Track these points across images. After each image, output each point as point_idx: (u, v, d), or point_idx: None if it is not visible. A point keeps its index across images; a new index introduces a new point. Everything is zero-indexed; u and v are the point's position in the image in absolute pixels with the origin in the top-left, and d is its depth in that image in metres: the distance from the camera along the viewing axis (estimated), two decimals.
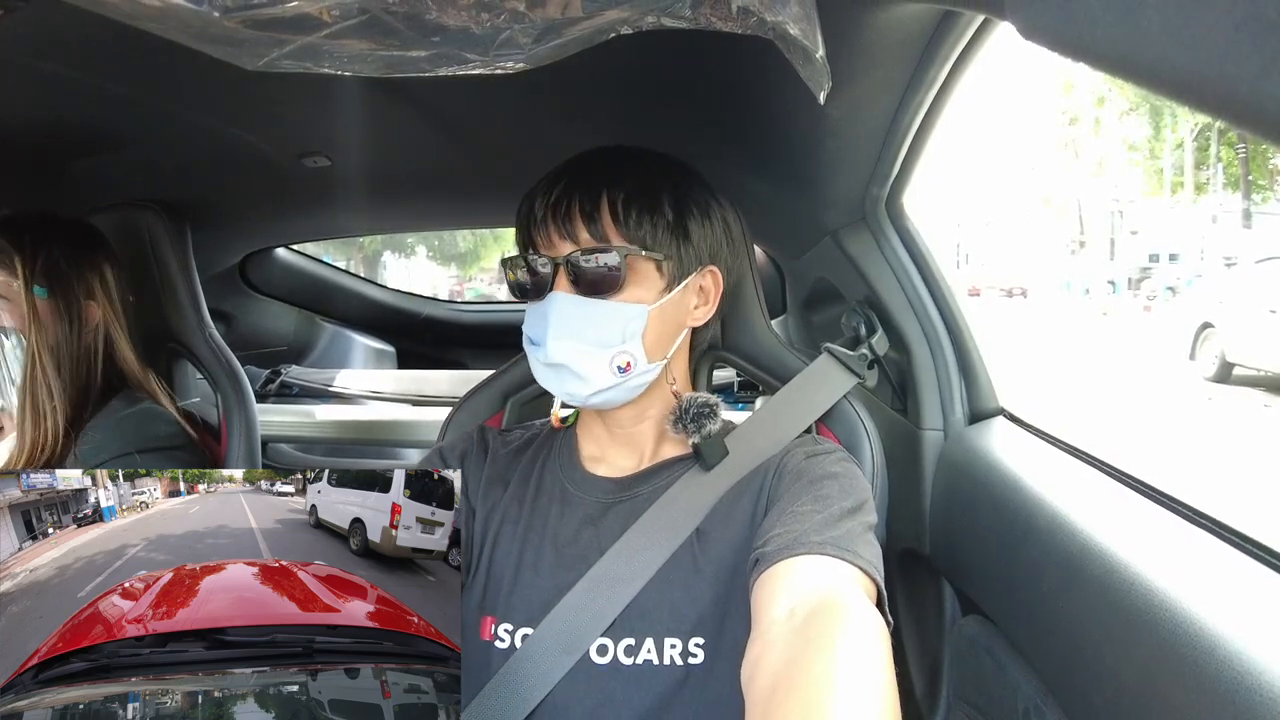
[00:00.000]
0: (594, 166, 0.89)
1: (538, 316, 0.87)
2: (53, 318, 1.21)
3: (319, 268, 2.57)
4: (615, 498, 0.92)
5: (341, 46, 0.60)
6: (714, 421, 0.90)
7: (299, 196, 1.62)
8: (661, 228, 0.87)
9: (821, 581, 0.68)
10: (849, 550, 0.72)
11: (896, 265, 1.22)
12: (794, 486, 0.83)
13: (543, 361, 0.87)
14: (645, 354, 0.87)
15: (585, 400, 0.88)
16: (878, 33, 0.75)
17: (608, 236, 0.85)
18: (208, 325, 1.53)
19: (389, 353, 2.74)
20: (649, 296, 0.87)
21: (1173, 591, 0.64)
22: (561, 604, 0.85)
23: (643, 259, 0.86)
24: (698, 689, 0.82)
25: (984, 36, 0.81)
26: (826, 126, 0.99)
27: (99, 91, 1.01)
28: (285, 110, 1.11)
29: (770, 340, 1.11)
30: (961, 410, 1.18)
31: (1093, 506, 0.83)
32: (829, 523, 0.76)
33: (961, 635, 1.07)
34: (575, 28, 0.59)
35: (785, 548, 0.72)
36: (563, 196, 0.85)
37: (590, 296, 0.85)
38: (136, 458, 1.20)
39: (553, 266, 0.85)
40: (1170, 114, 12.72)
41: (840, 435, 1.03)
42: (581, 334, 0.85)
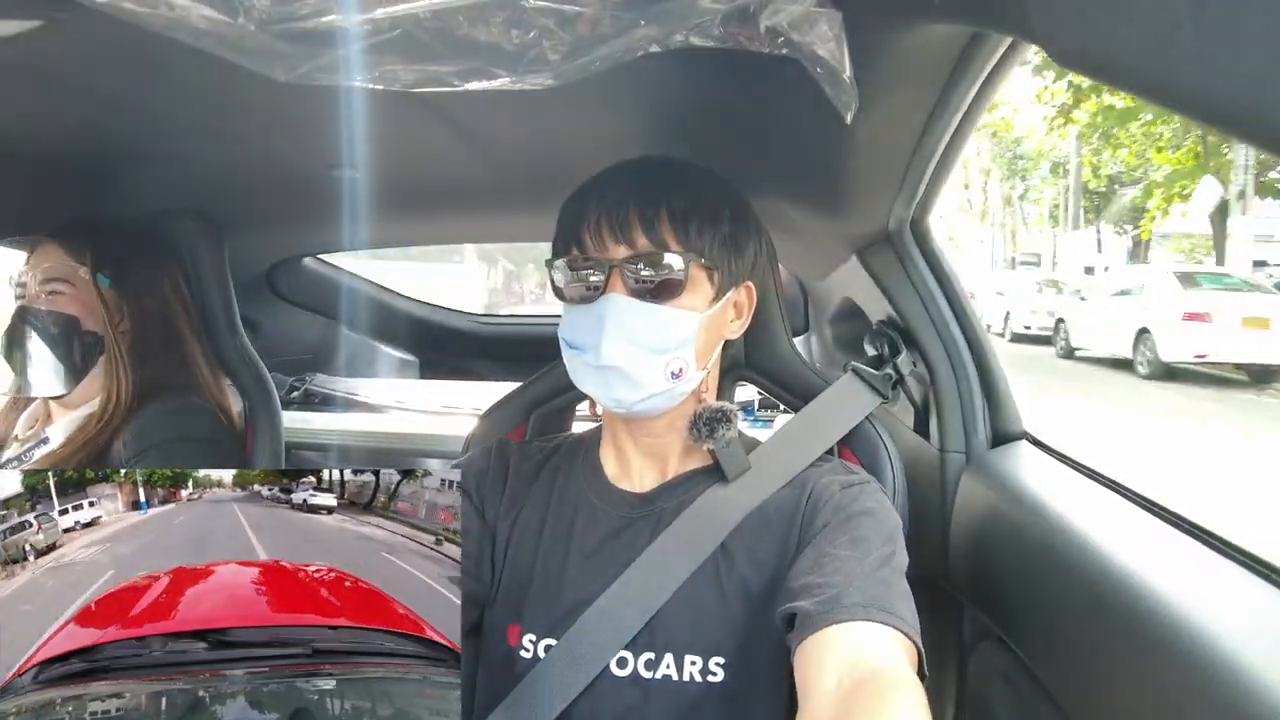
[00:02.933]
0: (649, 174, 0.89)
1: (588, 319, 0.86)
2: (117, 306, 1.31)
3: (345, 277, 2.59)
4: (639, 511, 0.92)
5: (373, 60, 0.61)
6: (729, 428, 0.90)
7: (327, 207, 1.63)
8: (719, 240, 0.87)
9: (866, 652, 0.68)
10: (891, 613, 0.72)
11: (921, 286, 1.21)
12: (830, 522, 0.83)
13: (591, 364, 0.86)
14: (696, 361, 0.88)
15: (632, 406, 0.87)
16: (905, 54, 0.75)
17: (666, 243, 0.85)
18: (239, 333, 1.55)
19: (412, 363, 2.76)
20: (701, 305, 0.87)
21: (1198, 621, 0.63)
22: (584, 616, 0.85)
23: (700, 268, 0.86)
24: (716, 707, 0.82)
25: (1012, 58, 0.81)
26: (853, 147, 0.99)
27: (136, 103, 1.03)
28: (315, 123, 1.12)
29: (793, 359, 1.11)
30: (984, 433, 1.17)
31: (1116, 533, 0.82)
32: (868, 574, 0.75)
33: (979, 661, 1.05)
34: (604, 45, 0.59)
35: (828, 610, 0.71)
36: (621, 201, 0.85)
37: (650, 301, 0.84)
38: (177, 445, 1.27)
39: (606, 269, 0.85)
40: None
41: (862, 456, 1.02)
42: (638, 338, 0.84)
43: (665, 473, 0.95)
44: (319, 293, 2.52)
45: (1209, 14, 0.35)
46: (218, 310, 1.53)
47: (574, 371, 0.90)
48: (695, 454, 0.94)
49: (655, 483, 0.94)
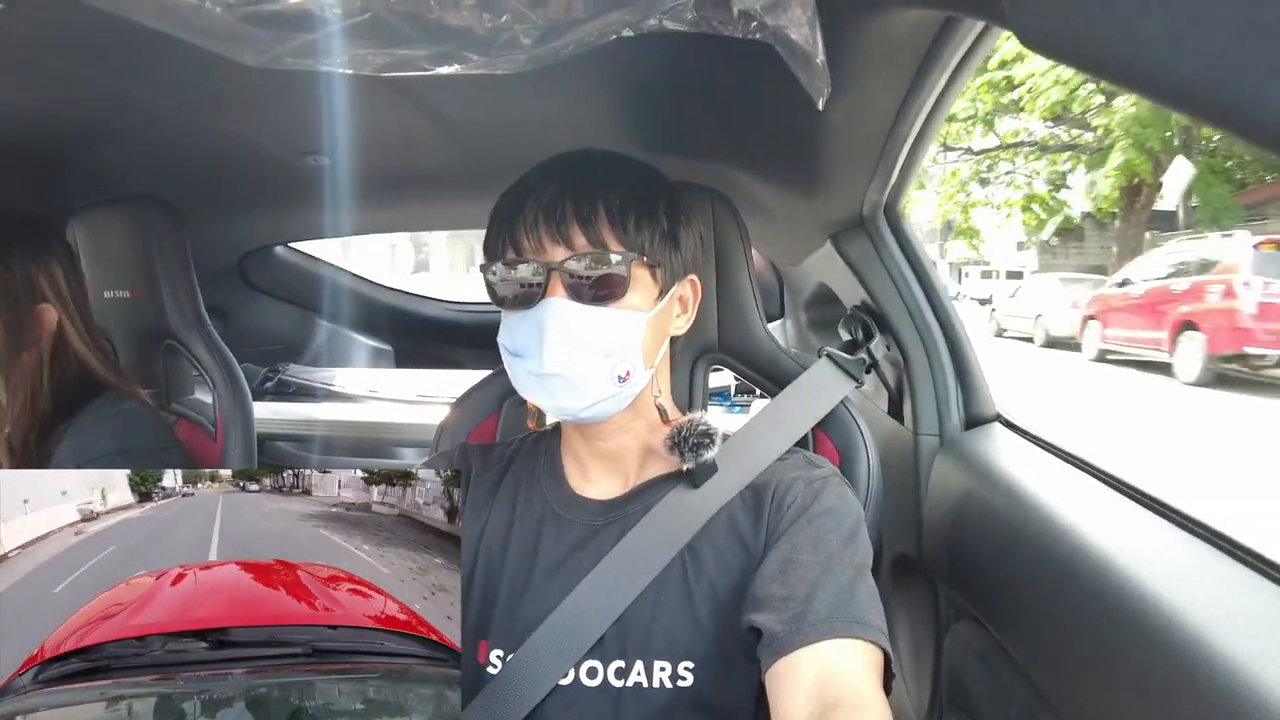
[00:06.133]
0: (583, 170, 0.85)
1: (528, 324, 0.83)
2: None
3: (318, 266, 2.57)
4: (605, 519, 0.90)
5: (343, 44, 0.61)
6: (711, 450, 0.88)
7: (298, 195, 1.62)
8: (658, 235, 0.85)
9: (834, 673, 0.70)
10: (857, 622, 0.73)
11: (895, 271, 1.22)
12: (794, 523, 0.83)
13: (534, 372, 0.83)
14: (643, 361, 0.85)
15: (578, 413, 0.84)
16: (878, 38, 0.75)
17: (605, 242, 0.81)
18: (205, 322, 1.53)
19: (387, 352, 2.74)
20: (646, 304, 0.85)
21: (1165, 597, 0.65)
22: (543, 626, 0.83)
23: (643, 265, 0.84)
24: (687, 713, 0.81)
25: (983, 43, 0.81)
26: (826, 132, 0.99)
27: (99, 86, 1.01)
28: (285, 108, 1.11)
29: (768, 344, 1.11)
30: (958, 416, 1.19)
31: (1087, 513, 0.83)
32: (832, 580, 0.76)
33: (955, 640, 1.07)
34: (577, 29, 0.59)
35: (795, 631, 0.72)
36: (556, 199, 0.81)
37: (592, 304, 0.81)
38: (118, 459, 1.16)
39: (545, 272, 0.81)
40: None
41: (837, 441, 1.02)
42: (582, 343, 0.81)
43: (628, 477, 0.93)
44: (292, 281, 2.49)
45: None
46: (182, 300, 1.50)
47: (516, 378, 0.87)
48: (659, 460, 0.92)
49: (619, 489, 0.92)
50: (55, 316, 1.20)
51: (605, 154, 0.89)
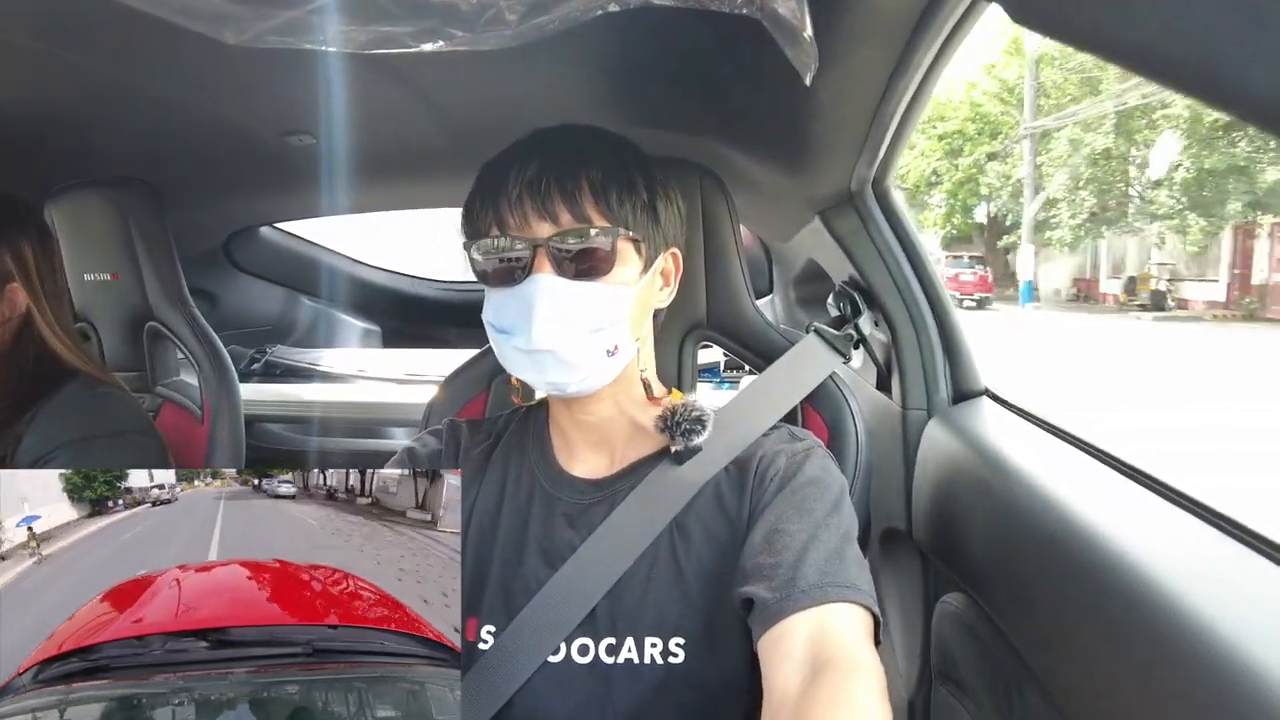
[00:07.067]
0: (563, 144, 0.85)
1: (516, 301, 0.82)
2: None
3: (304, 246, 2.55)
4: (594, 497, 0.90)
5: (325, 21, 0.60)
6: (703, 435, 0.88)
7: (283, 175, 1.60)
8: (639, 208, 0.85)
9: (825, 637, 0.70)
10: (846, 586, 0.74)
11: (883, 246, 1.22)
12: (778, 495, 0.83)
13: (522, 349, 0.83)
14: (630, 334, 0.86)
15: (567, 388, 0.85)
16: (866, 13, 0.75)
17: (589, 217, 0.81)
18: (188, 303, 1.51)
19: (375, 332, 2.73)
20: (631, 278, 0.85)
21: (1150, 569, 0.65)
22: (532, 603, 0.84)
23: (627, 239, 0.84)
24: (678, 688, 0.81)
25: (972, 18, 0.81)
26: (813, 107, 0.99)
27: (78, 67, 0.99)
28: (268, 87, 1.09)
29: (756, 319, 1.11)
30: (946, 390, 1.19)
31: (1074, 486, 0.84)
32: (819, 547, 0.77)
33: (943, 613, 1.08)
34: (563, 4, 0.58)
35: (785, 598, 0.73)
36: (539, 175, 0.81)
37: (579, 279, 0.82)
38: (89, 444, 1.14)
39: (531, 249, 0.81)
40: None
41: (825, 415, 1.03)
42: (571, 319, 0.82)
43: (615, 455, 0.93)
44: (278, 262, 2.47)
45: None
46: (165, 282, 1.48)
47: (503, 355, 0.87)
48: (643, 436, 0.92)
49: (606, 468, 0.92)
50: (24, 299, 1.17)
51: (582, 128, 0.89)
